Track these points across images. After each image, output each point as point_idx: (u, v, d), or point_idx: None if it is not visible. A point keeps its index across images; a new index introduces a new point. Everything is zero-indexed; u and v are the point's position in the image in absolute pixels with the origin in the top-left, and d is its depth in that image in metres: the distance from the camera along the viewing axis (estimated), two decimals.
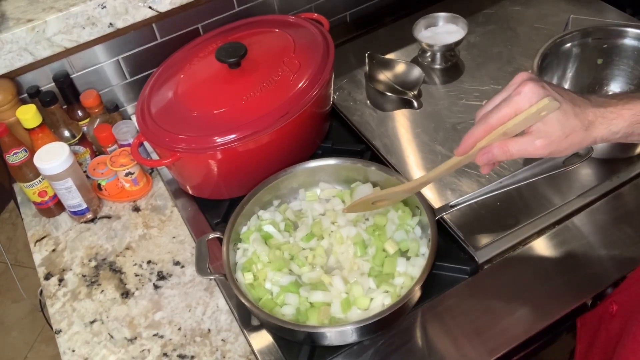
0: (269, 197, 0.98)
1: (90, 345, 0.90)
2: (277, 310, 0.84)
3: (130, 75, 1.20)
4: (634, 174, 0.97)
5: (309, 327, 0.79)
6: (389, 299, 0.81)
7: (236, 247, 0.92)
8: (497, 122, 0.63)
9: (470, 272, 0.88)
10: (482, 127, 0.64)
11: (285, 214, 0.96)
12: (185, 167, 1.00)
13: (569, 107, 0.63)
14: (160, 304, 0.94)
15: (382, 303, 0.81)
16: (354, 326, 0.77)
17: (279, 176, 0.96)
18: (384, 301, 0.81)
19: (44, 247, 1.06)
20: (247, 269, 0.88)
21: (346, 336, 0.80)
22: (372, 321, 0.76)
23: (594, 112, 0.64)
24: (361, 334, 0.80)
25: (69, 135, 1.10)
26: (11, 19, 1.05)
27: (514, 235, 0.91)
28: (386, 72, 1.21)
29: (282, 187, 0.98)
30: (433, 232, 0.84)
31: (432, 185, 0.99)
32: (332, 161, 0.98)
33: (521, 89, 0.62)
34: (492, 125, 0.64)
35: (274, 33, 1.11)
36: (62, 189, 1.01)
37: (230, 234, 0.89)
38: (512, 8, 1.34)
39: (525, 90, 0.62)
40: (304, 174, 0.98)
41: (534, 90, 0.62)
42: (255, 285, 0.87)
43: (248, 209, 0.94)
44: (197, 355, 0.86)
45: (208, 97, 1.00)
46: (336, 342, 0.81)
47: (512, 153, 0.64)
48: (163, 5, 1.13)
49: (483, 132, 0.64)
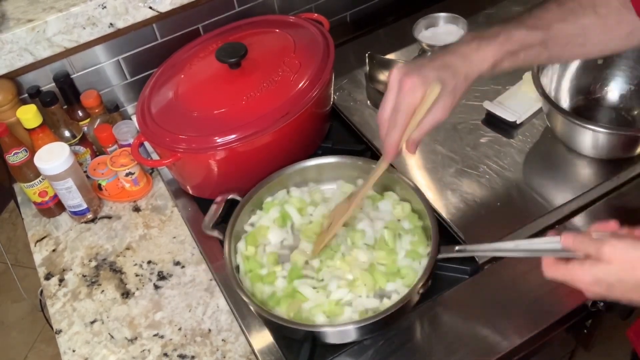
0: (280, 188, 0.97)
1: (90, 345, 0.90)
2: (259, 287, 0.85)
3: (130, 75, 1.20)
4: (635, 174, 0.97)
5: (308, 325, 0.79)
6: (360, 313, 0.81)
7: (252, 213, 0.95)
8: (406, 122, 0.73)
9: (470, 272, 0.88)
10: (397, 131, 0.74)
11: (314, 197, 0.96)
12: (186, 167, 1.00)
13: (446, 76, 0.71)
14: (160, 304, 0.94)
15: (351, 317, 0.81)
16: (355, 325, 0.77)
17: (283, 172, 0.96)
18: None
19: (44, 247, 1.06)
20: (252, 241, 0.89)
21: (346, 335, 0.79)
22: (373, 321, 0.76)
23: (462, 63, 0.73)
24: (362, 333, 0.80)
25: (69, 136, 1.10)
26: (11, 19, 1.05)
27: (514, 236, 0.90)
28: (386, 72, 1.21)
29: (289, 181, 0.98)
30: (434, 231, 0.84)
31: (432, 185, 0.99)
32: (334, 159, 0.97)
33: (405, 87, 0.72)
34: (403, 127, 0.74)
35: (274, 33, 1.11)
36: (62, 189, 1.01)
37: (234, 224, 0.89)
38: (512, 8, 1.34)
39: (409, 87, 0.71)
40: (311, 170, 0.98)
41: (416, 84, 0.71)
42: (250, 258, 0.88)
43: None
44: (198, 355, 0.86)
45: (208, 97, 1.00)
46: (335, 341, 0.81)
47: (426, 129, 0.73)
48: (163, 5, 1.13)
49: (400, 134, 0.74)
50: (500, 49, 0.73)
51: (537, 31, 0.74)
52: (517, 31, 0.73)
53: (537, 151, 1.03)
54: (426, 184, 1.00)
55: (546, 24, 0.74)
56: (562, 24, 0.74)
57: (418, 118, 0.73)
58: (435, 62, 0.73)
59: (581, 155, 1.00)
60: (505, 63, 0.74)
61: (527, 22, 0.74)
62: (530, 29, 0.74)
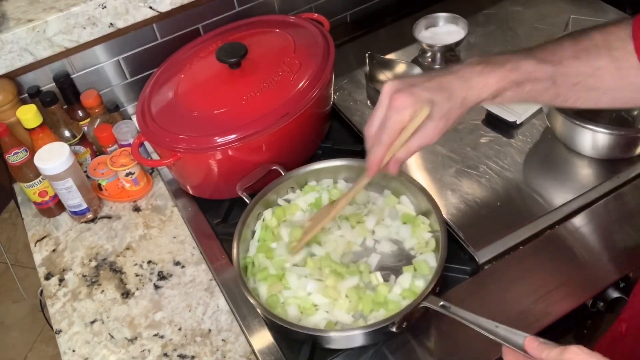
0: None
1: (90, 345, 0.90)
2: (259, 258, 0.88)
3: (130, 75, 1.20)
4: (634, 174, 0.97)
5: (311, 329, 0.79)
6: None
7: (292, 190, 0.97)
8: (391, 140, 0.70)
9: (470, 272, 0.88)
10: (380, 148, 0.71)
11: (332, 194, 0.96)
12: (186, 167, 1.00)
13: (440, 98, 0.69)
14: (160, 304, 0.94)
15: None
16: (362, 331, 0.76)
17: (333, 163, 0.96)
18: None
19: (44, 247, 1.06)
20: (279, 215, 0.92)
21: (352, 341, 0.79)
22: (380, 326, 0.75)
23: (460, 87, 0.69)
24: (368, 339, 0.80)
25: (69, 135, 1.10)
26: (12, 19, 1.05)
27: (515, 236, 0.91)
28: (387, 72, 1.21)
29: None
30: (443, 235, 0.83)
31: (432, 186, 0.99)
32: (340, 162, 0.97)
33: (394, 104, 0.68)
34: (388, 144, 0.71)
35: (274, 33, 1.11)
36: (62, 189, 1.02)
37: (242, 229, 0.89)
38: (512, 8, 1.34)
39: (397, 105, 0.68)
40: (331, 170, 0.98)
41: (406, 102, 0.68)
42: (268, 228, 0.91)
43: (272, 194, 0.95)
44: (198, 355, 0.86)
45: (208, 97, 1.00)
46: (339, 346, 0.81)
47: (413, 150, 0.71)
48: (163, 5, 1.13)
49: (384, 152, 0.71)
50: (505, 77, 0.69)
51: (547, 65, 0.70)
52: (525, 62, 0.70)
53: (537, 151, 1.03)
54: (426, 184, 1.00)
55: (557, 59, 0.70)
56: (574, 61, 0.70)
57: (404, 138, 0.70)
58: (432, 81, 0.70)
59: (581, 156, 1.00)
60: (509, 93, 0.70)
61: (537, 55, 0.71)
62: (540, 62, 0.70)
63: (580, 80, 0.70)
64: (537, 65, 0.69)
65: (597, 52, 0.69)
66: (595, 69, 0.69)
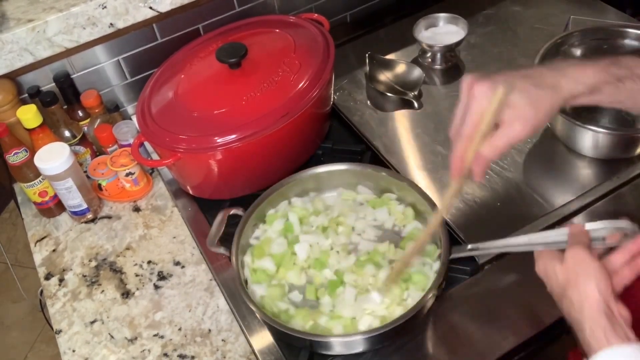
0: (280, 199, 0.96)
1: (90, 345, 0.90)
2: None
3: (130, 75, 1.20)
4: (634, 174, 0.97)
5: (311, 335, 0.79)
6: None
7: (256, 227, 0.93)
8: (470, 131, 0.64)
9: (470, 272, 0.88)
10: (460, 143, 0.65)
11: (316, 206, 0.96)
12: (186, 167, 1.00)
13: (524, 83, 0.63)
14: (160, 304, 0.94)
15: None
16: (363, 336, 0.76)
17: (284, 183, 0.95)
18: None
19: (44, 247, 1.06)
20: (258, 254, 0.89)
21: (354, 346, 0.79)
22: (382, 331, 0.75)
23: (552, 75, 0.64)
24: (369, 344, 0.80)
25: (69, 136, 1.10)
26: (12, 19, 1.05)
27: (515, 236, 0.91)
28: (386, 72, 1.21)
29: (290, 192, 0.97)
30: (444, 236, 0.83)
31: (432, 185, 0.99)
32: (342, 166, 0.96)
33: (473, 92, 0.63)
34: (467, 137, 0.64)
35: (274, 33, 1.11)
36: (62, 189, 1.01)
37: (239, 239, 0.88)
38: (512, 8, 1.34)
39: (477, 92, 0.63)
40: (310, 179, 0.97)
41: (485, 87, 0.62)
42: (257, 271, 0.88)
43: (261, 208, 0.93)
44: (198, 355, 0.86)
45: (208, 98, 1.00)
46: (342, 352, 0.81)
47: (500, 147, 0.64)
48: (163, 5, 1.13)
49: (464, 147, 0.65)
50: (605, 69, 0.63)
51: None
52: (625, 58, 0.64)
53: (537, 151, 1.03)
54: (426, 184, 1.00)
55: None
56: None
57: (483, 127, 0.62)
58: (517, 71, 0.64)
59: (581, 156, 1.00)
60: (609, 88, 0.64)
61: (636, 55, 0.65)
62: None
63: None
64: (638, 61, 0.64)
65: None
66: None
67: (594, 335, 0.60)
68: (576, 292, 0.63)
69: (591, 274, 0.62)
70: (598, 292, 0.61)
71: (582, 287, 0.62)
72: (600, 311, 0.61)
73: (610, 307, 0.61)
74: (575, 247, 0.65)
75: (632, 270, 0.64)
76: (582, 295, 0.62)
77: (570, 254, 0.65)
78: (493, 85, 0.62)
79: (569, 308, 0.64)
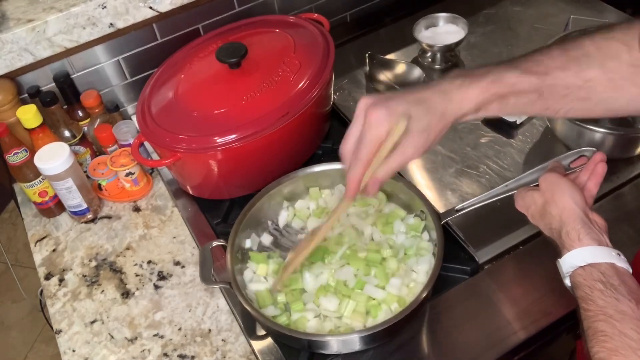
0: (273, 202, 0.96)
1: (90, 345, 0.90)
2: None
3: (130, 75, 1.20)
4: (634, 174, 0.97)
5: (310, 335, 0.79)
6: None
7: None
8: (369, 157, 0.67)
9: (470, 272, 0.88)
10: (359, 167, 0.68)
11: (319, 202, 0.96)
12: (186, 167, 1.00)
13: (417, 111, 0.66)
14: (160, 304, 0.94)
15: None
16: (359, 334, 0.76)
17: (281, 181, 0.95)
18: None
19: (44, 247, 1.06)
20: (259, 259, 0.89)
21: (352, 345, 0.79)
22: (378, 330, 0.75)
23: (440, 101, 0.67)
24: (366, 343, 0.80)
25: (69, 136, 1.10)
26: (11, 19, 1.05)
27: (515, 235, 0.91)
28: (386, 72, 1.21)
29: (285, 192, 0.97)
30: (439, 236, 0.83)
31: (432, 186, 0.99)
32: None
33: (370, 120, 0.66)
34: (366, 162, 0.68)
35: (274, 33, 1.11)
36: (62, 189, 1.01)
37: (234, 241, 0.88)
38: (512, 8, 1.34)
39: (373, 120, 0.66)
40: (305, 179, 0.97)
41: (381, 116, 0.65)
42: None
43: (251, 215, 0.92)
44: (198, 355, 0.86)
45: (208, 97, 1.00)
46: (342, 351, 0.81)
47: (394, 169, 0.68)
48: (163, 5, 1.13)
49: (362, 170, 0.68)
50: (486, 90, 0.66)
51: (532, 77, 0.66)
52: (509, 73, 0.67)
53: (537, 151, 1.03)
54: (426, 184, 1.00)
55: (543, 70, 0.67)
56: (562, 72, 0.67)
57: (383, 154, 0.67)
58: (409, 95, 0.68)
59: None
60: (493, 106, 0.68)
61: (522, 66, 0.67)
62: (525, 73, 0.66)
63: (569, 92, 0.67)
64: (521, 77, 0.67)
65: (587, 63, 0.66)
66: (586, 81, 0.66)
67: (568, 236, 0.67)
68: (554, 206, 0.70)
69: (564, 188, 0.70)
70: (574, 203, 0.69)
71: (559, 200, 0.70)
72: (576, 217, 0.68)
73: (587, 214, 0.69)
74: (546, 173, 0.74)
75: (593, 181, 0.73)
76: (559, 208, 0.69)
77: (544, 178, 0.73)
78: (389, 114, 0.65)
79: (549, 222, 0.71)
